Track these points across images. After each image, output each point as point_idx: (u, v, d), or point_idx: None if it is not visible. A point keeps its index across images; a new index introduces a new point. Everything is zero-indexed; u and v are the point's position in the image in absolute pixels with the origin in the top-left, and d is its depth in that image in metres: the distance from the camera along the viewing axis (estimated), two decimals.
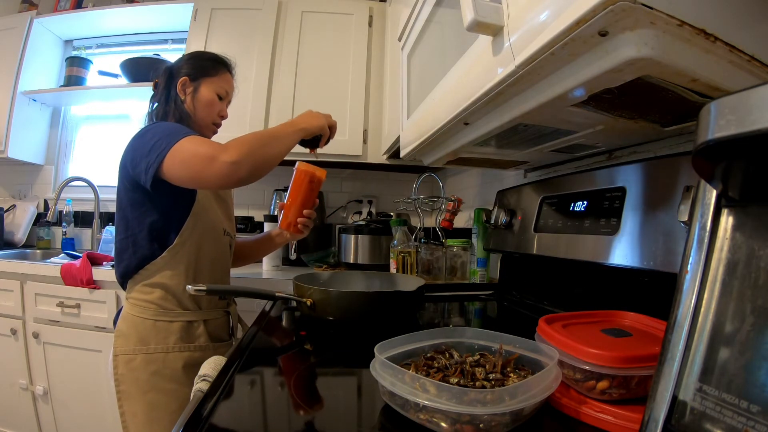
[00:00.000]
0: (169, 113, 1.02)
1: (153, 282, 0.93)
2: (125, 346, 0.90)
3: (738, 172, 0.27)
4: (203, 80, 1.04)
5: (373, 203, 2.16)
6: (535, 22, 0.45)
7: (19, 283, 1.53)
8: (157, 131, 0.87)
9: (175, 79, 1.03)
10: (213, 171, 0.82)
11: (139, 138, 0.90)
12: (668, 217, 0.62)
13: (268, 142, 0.90)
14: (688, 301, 0.29)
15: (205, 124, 1.06)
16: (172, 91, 1.03)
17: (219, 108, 1.07)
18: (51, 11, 2.16)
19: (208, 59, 1.08)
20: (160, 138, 0.85)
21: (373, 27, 1.88)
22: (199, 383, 0.59)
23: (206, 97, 1.04)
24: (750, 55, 0.43)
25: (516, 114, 0.62)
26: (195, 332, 0.95)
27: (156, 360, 0.90)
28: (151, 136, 0.87)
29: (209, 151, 0.82)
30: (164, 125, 0.91)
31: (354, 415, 0.48)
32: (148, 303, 0.92)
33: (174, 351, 0.91)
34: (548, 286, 1.01)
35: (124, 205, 0.93)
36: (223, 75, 1.08)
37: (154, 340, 0.90)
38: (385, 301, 0.82)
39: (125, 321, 0.93)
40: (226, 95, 1.09)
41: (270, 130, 0.95)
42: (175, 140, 0.84)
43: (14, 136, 2.01)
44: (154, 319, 0.91)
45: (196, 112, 1.03)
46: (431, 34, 0.92)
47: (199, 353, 0.93)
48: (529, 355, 0.49)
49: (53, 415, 1.53)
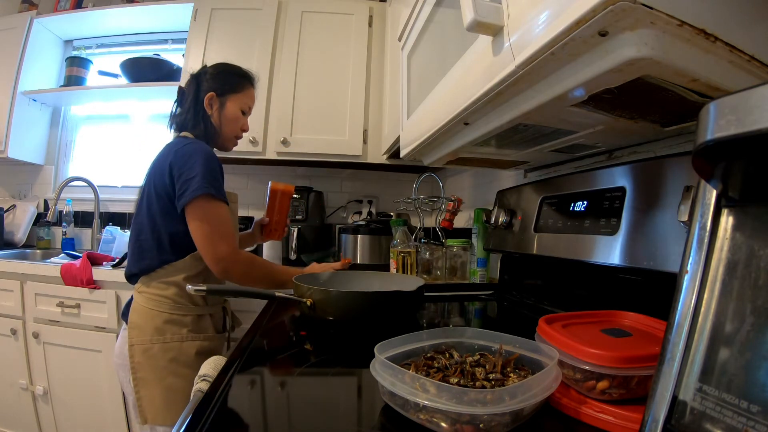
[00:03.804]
0: (198, 126, 1.08)
1: (170, 280, 1.00)
2: (141, 336, 0.97)
3: (738, 172, 0.27)
4: (230, 96, 1.10)
5: (373, 203, 2.16)
6: (535, 22, 0.45)
7: (19, 283, 1.53)
8: (200, 162, 0.96)
9: (202, 90, 1.08)
10: (209, 261, 0.97)
11: (186, 157, 0.97)
12: (668, 217, 0.62)
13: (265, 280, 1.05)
14: (688, 301, 0.29)
15: (229, 138, 1.15)
16: (199, 103, 1.09)
17: (242, 123, 1.15)
18: (51, 11, 2.16)
19: (235, 74, 1.13)
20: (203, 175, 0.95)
21: (373, 27, 1.88)
22: (199, 383, 0.59)
23: (232, 113, 1.11)
24: (750, 55, 0.43)
25: (516, 114, 0.62)
26: (204, 324, 1.04)
27: (173, 348, 0.97)
28: (195, 165, 0.95)
29: (220, 252, 0.96)
30: (206, 156, 0.98)
31: (354, 415, 0.48)
32: (164, 298, 0.99)
33: (188, 340, 0.99)
34: (548, 286, 1.01)
35: (154, 210, 1.00)
36: (247, 91, 1.14)
37: (170, 331, 0.98)
38: (384, 301, 0.82)
39: (139, 314, 0.99)
40: (249, 110, 1.16)
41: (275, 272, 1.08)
42: (213, 193, 0.95)
43: (14, 136, 2.01)
44: (169, 313, 0.99)
45: (222, 128, 1.11)
46: (431, 34, 0.92)
47: (208, 342, 1.03)
48: (529, 355, 0.49)
49: (53, 415, 1.53)
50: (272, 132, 1.80)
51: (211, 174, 0.96)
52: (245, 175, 2.20)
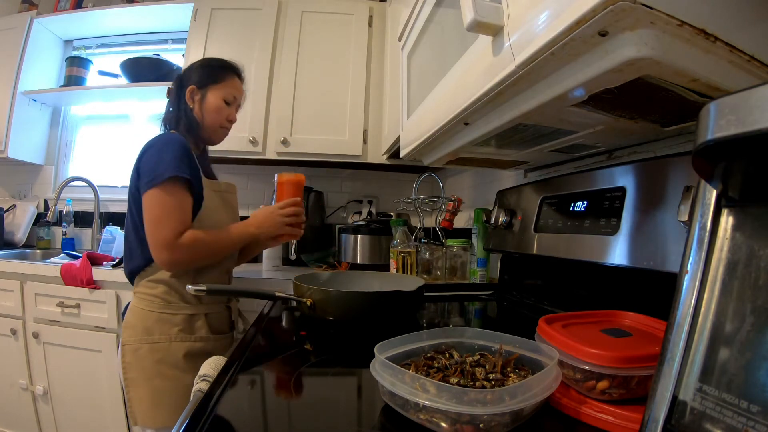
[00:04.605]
0: (180, 120, 1.07)
1: (157, 278, 0.98)
2: (132, 337, 0.96)
3: (738, 172, 0.27)
4: (210, 87, 1.08)
5: (373, 203, 2.16)
6: (535, 22, 0.45)
7: (19, 283, 1.53)
8: (155, 153, 0.95)
9: (185, 86, 1.08)
10: (152, 247, 0.93)
11: (146, 150, 0.97)
12: (668, 217, 0.62)
13: (216, 252, 1.00)
14: (688, 301, 0.29)
15: (214, 129, 1.11)
16: (181, 99, 1.08)
17: (227, 113, 1.12)
18: (51, 11, 2.16)
19: (215, 66, 1.12)
20: (155, 165, 0.93)
21: (373, 27, 1.88)
22: (199, 383, 0.59)
23: (213, 104, 1.09)
24: (750, 55, 0.43)
25: (516, 114, 0.62)
26: (196, 324, 1.00)
27: (160, 349, 0.95)
28: (149, 158, 0.95)
29: (161, 235, 0.92)
30: (163, 143, 0.97)
31: (354, 415, 0.48)
32: (153, 297, 0.98)
33: (176, 341, 0.97)
34: (548, 286, 1.01)
35: (134, 209, 0.99)
36: (230, 81, 1.12)
37: (158, 331, 0.96)
38: (385, 301, 0.82)
39: (132, 313, 0.99)
40: (233, 100, 1.13)
41: (223, 238, 1.00)
42: (159, 181, 0.92)
43: (14, 136, 2.01)
44: (158, 312, 0.97)
45: (204, 119, 1.09)
46: (431, 34, 0.92)
47: (200, 344, 0.99)
48: (529, 355, 0.49)
49: (53, 415, 1.53)
50: (272, 132, 1.80)
51: (161, 162, 0.93)
52: (245, 175, 2.20)
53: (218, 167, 2.15)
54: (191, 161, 0.98)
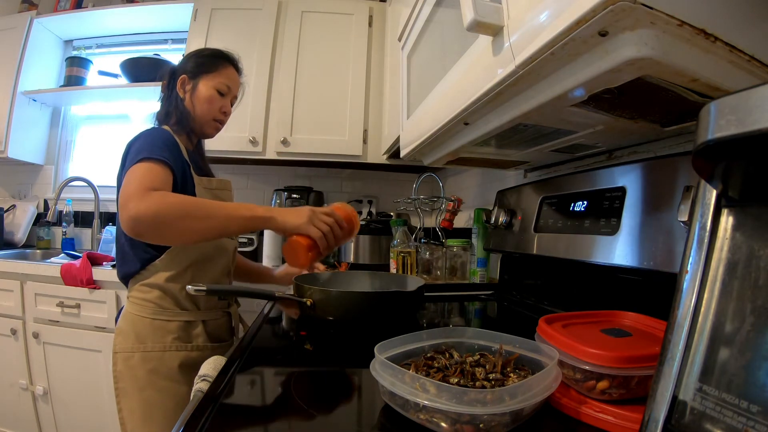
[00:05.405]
0: (171, 113, 1.02)
1: (151, 282, 0.92)
2: (124, 344, 0.90)
3: (738, 172, 0.27)
4: (202, 77, 1.03)
5: (373, 203, 2.16)
6: (535, 22, 0.45)
7: (19, 283, 1.53)
8: (138, 145, 0.87)
9: (177, 78, 1.03)
10: (122, 214, 0.77)
11: (131, 145, 0.91)
12: (668, 217, 0.62)
13: (195, 215, 0.79)
14: (688, 301, 0.29)
15: (206, 121, 1.04)
16: (173, 90, 1.03)
17: (220, 104, 1.05)
18: (51, 11, 2.16)
19: (207, 55, 1.07)
20: (136, 154, 0.84)
21: (373, 27, 1.88)
22: (199, 383, 0.59)
23: (204, 93, 1.02)
24: (750, 55, 0.43)
25: (516, 114, 0.62)
26: (193, 332, 0.94)
27: (153, 358, 0.89)
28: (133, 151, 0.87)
29: (129, 192, 0.77)
30: (146, 136, 0.91)
31: (354, 415, 0.48)
32: (147, 302, 0.92)
33: (171, 350, 0.90)
34: (548, 286, 1.01)
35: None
36: (223, 70, 1.06)
37: (152, 339, 0.90)
38: (385, 301, 0.82)
39: (125, 319, 0.93)
40: (227, 90, 1.06)
41: (211, 204, 0.82)
42: (135, 161, 0.82)
43: (14, 136, 2.01)
44: (152, 318, 0.91)
45: (195, 110, 1.03)
46: (431, 34, 0.92)
47: (197, 353, 0.92)
48: (529, 355, 0.49)
49: (53, 415, 1.53)
50: (272, 132, 1.80)
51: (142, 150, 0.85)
52: (245, 175, 2.20)
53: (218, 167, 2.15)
54: (175, 153, 0.91)
